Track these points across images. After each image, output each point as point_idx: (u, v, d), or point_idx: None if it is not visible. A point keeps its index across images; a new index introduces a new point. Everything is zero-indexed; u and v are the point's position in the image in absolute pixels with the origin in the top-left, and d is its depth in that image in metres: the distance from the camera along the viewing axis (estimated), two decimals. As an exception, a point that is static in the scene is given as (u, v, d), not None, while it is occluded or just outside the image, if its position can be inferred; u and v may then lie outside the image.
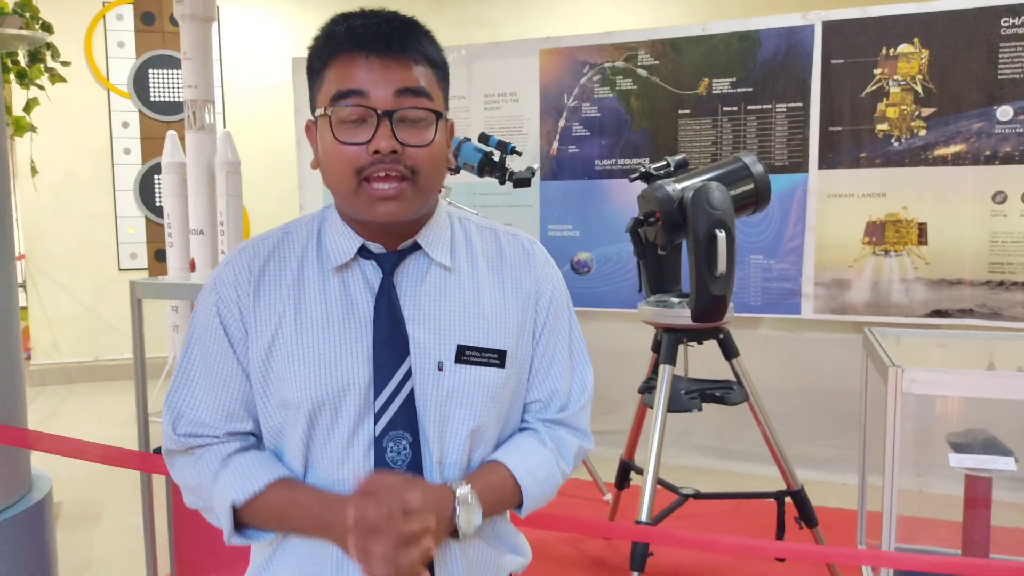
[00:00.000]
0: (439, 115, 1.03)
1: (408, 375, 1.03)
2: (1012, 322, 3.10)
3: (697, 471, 3.55)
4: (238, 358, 1.06)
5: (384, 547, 0.93)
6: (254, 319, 1.05)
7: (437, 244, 1.10)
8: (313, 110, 1.06)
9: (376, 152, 0.98)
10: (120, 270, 5.68)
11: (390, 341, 1.03)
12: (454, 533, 1.02)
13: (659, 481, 2.47)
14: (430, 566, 1.03)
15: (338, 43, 1.02)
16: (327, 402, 1.02)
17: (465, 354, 1.05)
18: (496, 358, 1.07)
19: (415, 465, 1.03)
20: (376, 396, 1.02)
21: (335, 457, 1.03)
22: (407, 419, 1.02)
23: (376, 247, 1.07)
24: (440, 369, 1.04)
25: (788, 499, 2.31)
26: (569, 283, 3.75)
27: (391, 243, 1.08)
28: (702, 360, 2.50)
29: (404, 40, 1.02)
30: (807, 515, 2.31)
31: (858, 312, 3.29)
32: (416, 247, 1.09)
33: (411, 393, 1.03)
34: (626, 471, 2.71)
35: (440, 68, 1.07)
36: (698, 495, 2.39)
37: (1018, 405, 1.97)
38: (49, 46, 2.55)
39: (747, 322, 3.55)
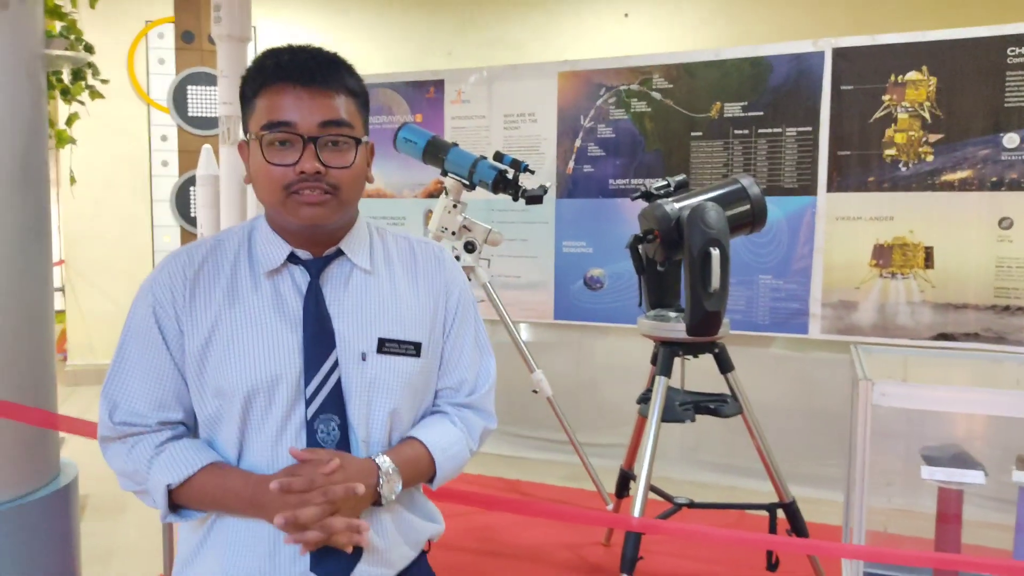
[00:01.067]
0: (358, 141, 1.17)
1: (335, 365, 1.17)
2: (1017, 347, 3.13)
3: (703, 486, 3.60)
4: (171, 354, 1.18)
5: (312, 513, 1.06)
6: (190, 318, 1.18)
7: (358, 250, 1.24)
8: (245, 131, 1.20)
9: (302, 172, 1.12)
10: (154, 276, 5.90)
11: (318, 336, 1.17)
12: (377, 502, 1.16)
13: (655, 490, 2.55)
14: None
15: (268, 75, 1.16)
16: (261, 390, 1.15)
17: (385, 346, 1.20)
18: (413, 349, 1.22)
19: (343, 444, 1.17)
20: (307, 384, 1.15)
21: (269, 438, 1.16)
22: (335, 404, 1.16)
23: (304, 254, 1.21)
24: (363, 359, 1.18)
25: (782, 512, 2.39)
26: (582, 299, 3.91)
27: (317, 250, 1.22)
28: (703, 375, 2.57)
29: (327, 73, 1.16)
30: (798, 527, 2.37)
31: (864, 333, 3.34)
32: (339, 253, 1.23)
33: (338, 381, 1.16)
34: (626, 480, 2.79)
35: (360, 97, 1.21)
36: (692, 504, 2.46)
37: (998, 422, 2.03)
38: (90, 65, 2.73)
39: (758, 340, 3.62)
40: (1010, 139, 3.11)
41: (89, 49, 2.62)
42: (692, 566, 2.70)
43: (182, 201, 5.91)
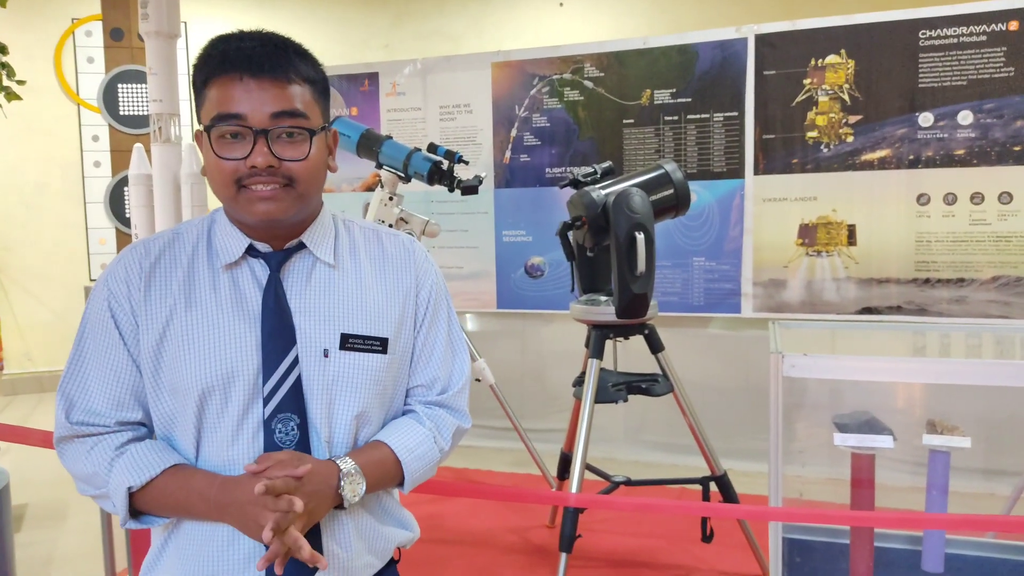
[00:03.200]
0: (313, 132, 1.12)
1: (295, 362, 1.12)
2: (938, 317, 3.27)
3: (647, 465, 3.69)
4: (128, 350, 1.13)
5: (293, 519, 1.03)
6: (145, 312, 1.13)
7: (321, 244, 1.19)
8: (198, 120, 1.15)
9: (253, 167, 1.08)
10: (91, 280, 5.78)
11: (277, 331, 1.12)
12: (339, 506, 1.12)
13: (594, 470, 2.62)
14: (317, 535, 1.12)
15: (215, 66, 1.09)
16: (216, 387, 1.10)
17: (349, 342, 1.15)
18: (379, 345, 1.17)
19: (303, 445, 1.12)
20: (265, 382, 1.11)
21: (225, 438, 1.11)
22: (294, 402, 1.12)
23: (263, 247, 1.16)
24: (325, 356, 1.14)
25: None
26: (523, 287, 3.95)
27: (277, 243, 1.17)
28: (638, 356, 2.63)
29: (277, 62, 1.09)
30: (729, 497, 2.46)
31: (793, 310, 3.46)
32: (301, 246, 1.18)
33: (298, 378, 1.12)
34: (567, 462, 2.85)
35: (316, 84, 1.15)
36: (629, 482, 2.53)
37: (912, 389, 2.13)
38: (4, 66, 2.66)
39: (694, 321, 3.71)
40: (925, 118, 3.24)
41: (2, 49, 2.56)
42: (631, 541, 2.78)
43: (116, 202, 5.79)
